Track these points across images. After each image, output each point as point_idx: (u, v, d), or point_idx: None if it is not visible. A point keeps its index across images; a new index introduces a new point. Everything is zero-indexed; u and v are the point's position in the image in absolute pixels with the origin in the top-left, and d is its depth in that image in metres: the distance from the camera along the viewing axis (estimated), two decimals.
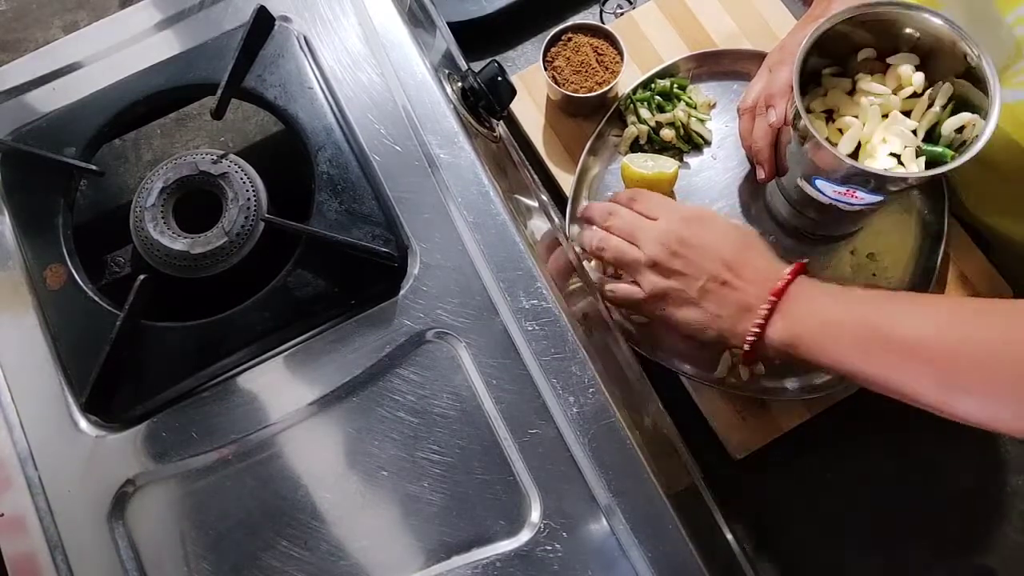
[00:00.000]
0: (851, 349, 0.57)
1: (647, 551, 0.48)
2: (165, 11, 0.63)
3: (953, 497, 0.72)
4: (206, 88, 0.59)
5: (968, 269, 0.76)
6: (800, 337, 0.59)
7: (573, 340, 0.52)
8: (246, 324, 0.53)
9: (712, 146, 0.81)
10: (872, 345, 0.56)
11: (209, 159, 0.56)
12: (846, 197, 0.64)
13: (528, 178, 0.74)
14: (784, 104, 0.67)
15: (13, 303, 0.57)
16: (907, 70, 0.63)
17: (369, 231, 0.54)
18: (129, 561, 0.52)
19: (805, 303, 0.60)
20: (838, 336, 0.58)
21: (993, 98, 0.57)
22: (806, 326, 0.59)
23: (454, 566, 0.50)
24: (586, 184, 0.81)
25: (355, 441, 0.53)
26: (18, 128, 0.60)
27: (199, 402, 0.54)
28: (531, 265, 0.53)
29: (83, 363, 0.53)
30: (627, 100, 0.81)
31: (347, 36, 0.60)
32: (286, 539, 0.52)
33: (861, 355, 0.57)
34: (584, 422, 0.50)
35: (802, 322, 0.59)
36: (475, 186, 0.55)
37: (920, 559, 0.70)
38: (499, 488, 0.51)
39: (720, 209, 0.79)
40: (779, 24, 0.85)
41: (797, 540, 0.72)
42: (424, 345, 0.53)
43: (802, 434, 0.72)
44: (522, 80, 0.85)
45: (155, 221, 0.55)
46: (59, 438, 0.54)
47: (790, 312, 0.60)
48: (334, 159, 0.56)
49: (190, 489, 0.53)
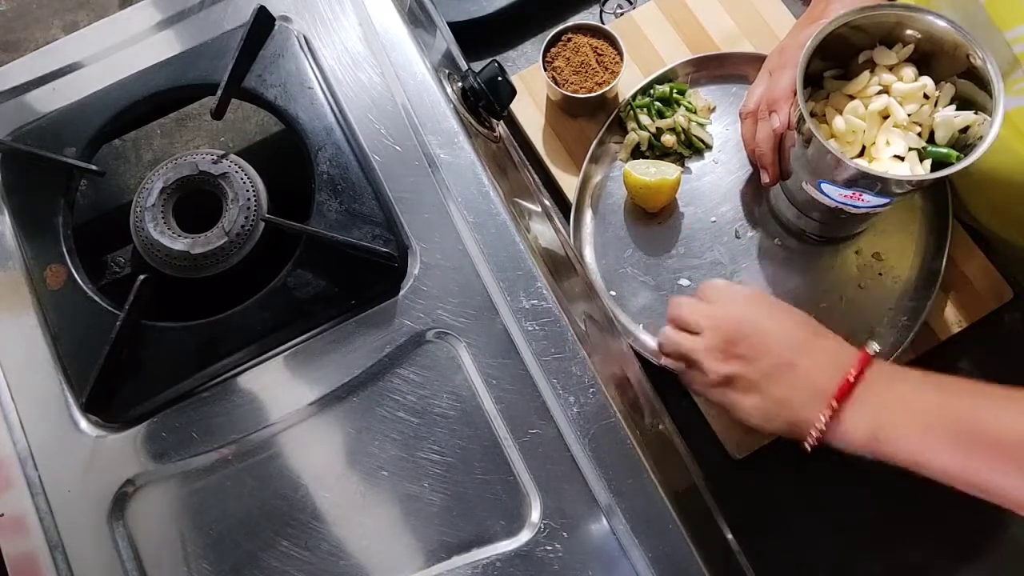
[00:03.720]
0: (943, 443, 0.52)
1: (647, 551, 0.48)
2: (165, 11, 0.63)
3: (953, 497, 0.72)
4: (206, 88, 0.59)
5: (969, 270, 0.76)
6: (884, 429, 0.53)
7: (573, 340, 0.52)
8: (246, 324, 0.53)
9: (714, 150, 0.81)
10: (969, 441, 0.51)
11: (209, 159, 0.56)
12: (852, 200, 0.63)
13: (529, 179, 0.74)
14: (787, 108, 0.67)
15: (13, 303, 0.57)
16: (910, 72, 0.62)
17: (369, 231, 0.54)
18: (129, 561, 0.52)
19: (885, 390, 0.54)
20: (928, 427, 0.52)
21: (997, 98, 0.57)
22: (893, 415, 0.53)
23: (454, 566, 0.50)
24: (588, 191, 0.81)
25: (355, 441, 0.53)
26: (18, 128, 0.60)
27: (199, 402, 0.54)
28: (531, 265, 0.53)
29: (83, 363, 0.53)
30: (627, 107, 0.81)
31: (347, 36, 0.60)
32: (286, 539, 0.52)
33: (954, 450, 0.51)
34: (584, 422, 0.50)
35: (887, 410, 0.54)
36: (475, 186, 0.55)
37: (920, 559, 0.70)
38: (499, 488, 0.51)
39: (724, 213, 0.79)
40: (779, 24, 0.85)
41: (797, 540, 0.72)
42: (424, 345, 0.53)
43: None
44: (522, 80, 0.85)
45: (155, 221, 0.55)
46: (59, 438, 0.54)
47: (869, 400, 0.54)
48: (334, 159, 0.56)
49: (190, 489, 0.53)
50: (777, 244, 0.77)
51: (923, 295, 0.74)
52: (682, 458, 0.67)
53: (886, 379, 0.55)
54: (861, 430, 0.54)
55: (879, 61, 0.64)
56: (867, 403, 0.54)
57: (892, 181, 0.59)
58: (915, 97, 0.63)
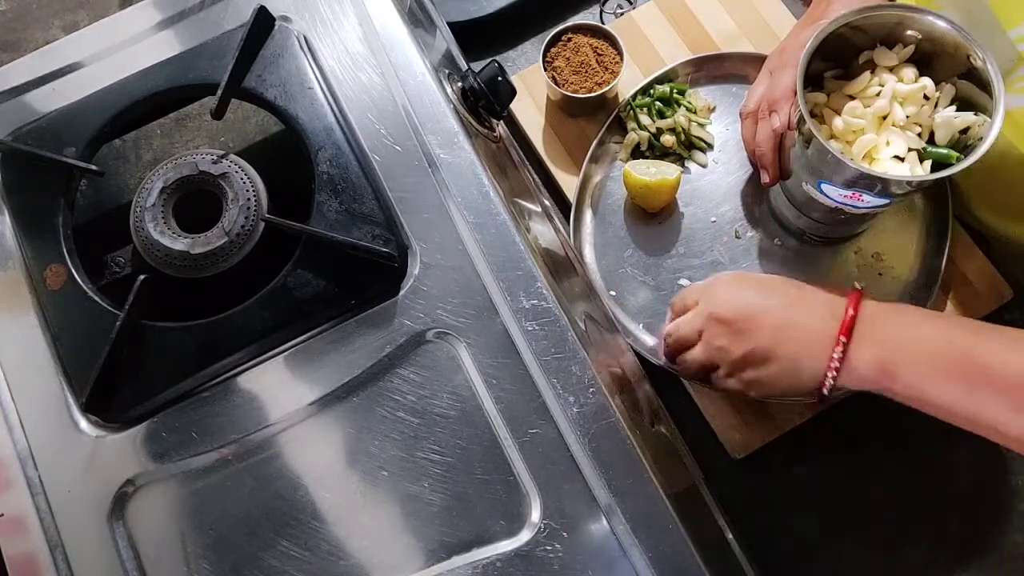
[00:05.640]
0: (948, 376, 0.53)
1: (647, 551, 0.48)
2: (165, 11, 0.63)
3: (953, 497, 0.72)
4: (206, 88, 0.59)
5: (969, 270, 0.76)
6: (892, 362, 0.54)
7: (573, 340, 0.52)
8: (246, 324, 0.53)
9: (714, 150, 0.81)
10: (974, 376, 0.52)
11: (209, 159, 0.56)
12: (852, 200, 0.63)
13: (529, 179, 0.74)
14: (787, 108, 0.67)
15: (13, 303, 0.57)
16: (910, 73, 0.62)
17: (369, 231, 0.54)
18: (129, 561, 0.52)
19: (887, 323, 0.56)
20: (933, 360, 0.53)
21: (998, 98, 0.57)
22: (898, 347, 0.55)
23: (454, 566, 0.50)
24: (588, 192, 0.81)
25: (355, 441, 0.53)
26: (18, 128, 0.60)
27: (199, 402, 0.54)
28: (531, 265, 0.53)
29: (83, 363, 0.53)
30: (627, 107, 0.81)
31: (347, 36, 0.60)
32: (286, 539, 0.52)
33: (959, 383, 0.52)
34: (584, 422, 0.50)
35: (892, 342, 0.55)
36: (475, 186, 0.55)
37: (920, 559, 0.70)
38: (499, 488, 0.51)
39: (724, 213, 0.79)
40: (779, 24, 0.85)
41: (797, 540, 0.72)
42: (424, 345, 0.53)
43: (802, 434, 0.72)
44: (522, 80, 0.85)
45: (155, 221, 0.55)
46: (59, 438, 0.54)
47: (873, 333, 0.56)
48: (334, 159, 0.56)
49: (190, 489, 0.53)
50: (777, 244, 0.77)
51: (923, 295, 0.74)
52: (682, 458, 0.67)
53: (883, 312, 0.57)
54: (869, 363, 0.55)
55: (879, 62, 0.64)
56: (871, 337, 0.56)
57: (892, 182, 0.59)
58: (915, 98, 0.63)
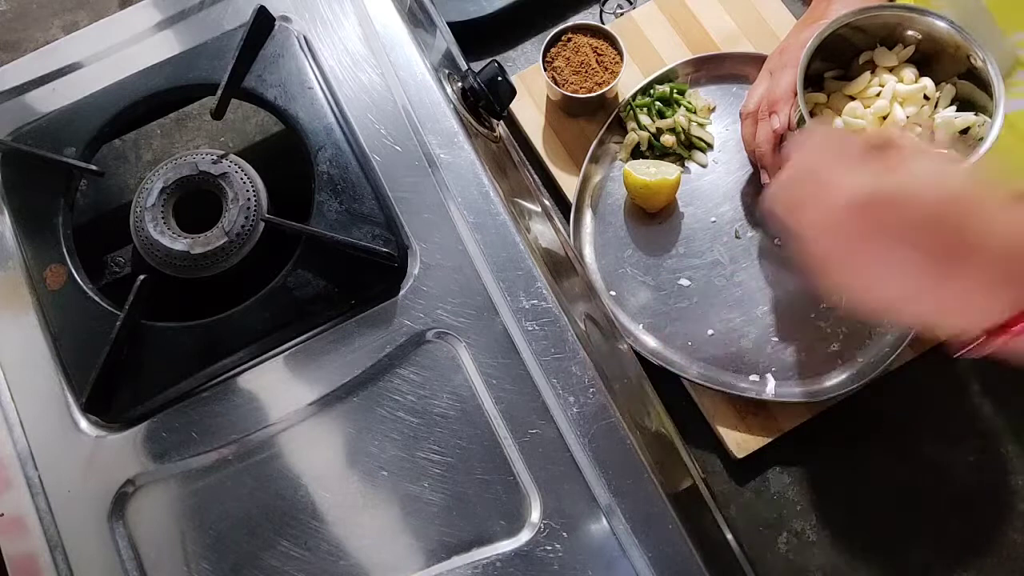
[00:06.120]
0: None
1: (647, 551, 0.48)
2: (165, 11, 0.63)
3: (953, 497, 0.72)
4: (206, 88, 0.59)
5: None
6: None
7: (573, 340, 0.52)
8: (246, 324, 0.53)
9: (714, 150, 0.81)
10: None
11: (209, 159, 0.56)
12: None
13: (529, 179, 0.74)
14: (787, 108, 0.67)
15: (13, 303, 0.57)
16: (911, 73, 0.63)
17: (369, 231, 0.54)
18: (129, 561, 0.52)
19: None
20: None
21: (998, 99, 0.57)
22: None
23: (454, 566, 0.50)
24: (588, 191, 0.81)
25: (355, 441, 0.53)
26: (18, 128, 0.60)
27: (199, 402, 0.54)
28: (531, 265, 0.53)
29: (83, 363, 0.53)
30: (627, 107, 0.81)
31: (347, 36, 0.60)
32: (286, 539, 0.52)
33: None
34: (584, 422, 0.50)
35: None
36: (475, 186, 0.55)
37: (920, 559, 0.70)
38: (499, 488, 0.51)
39: (724, 213, 0.79)
40: (779, 24, 0.85)
41: (797, 540, 0.72)
42: (424, 345, 0.53)
43: (802, 434, 0.72)
44: (522, 80, 0.85)
45: (155, 221, 0.55)
46: (59, 438, 0.54)
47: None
48: (334, 159, 0.56)
49: (190, 489, 0.53)
50: (777, 244, 0.77)
51: None
52: (682, 458, 0.67)
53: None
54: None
55: (880, 62, 0.64)
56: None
57: None
58: (915, 98, 0.63)
